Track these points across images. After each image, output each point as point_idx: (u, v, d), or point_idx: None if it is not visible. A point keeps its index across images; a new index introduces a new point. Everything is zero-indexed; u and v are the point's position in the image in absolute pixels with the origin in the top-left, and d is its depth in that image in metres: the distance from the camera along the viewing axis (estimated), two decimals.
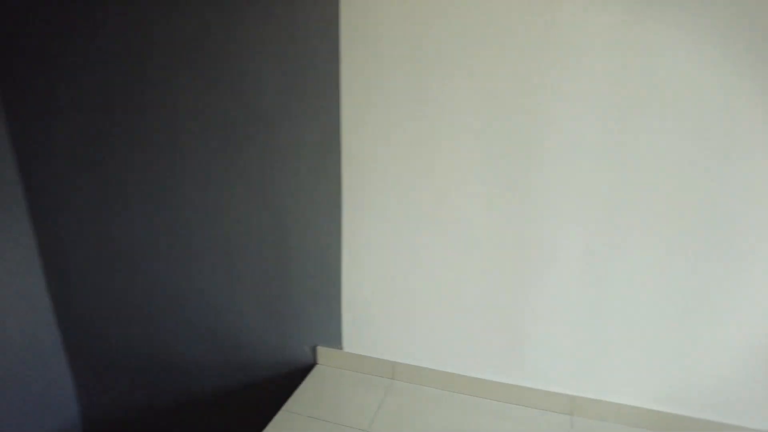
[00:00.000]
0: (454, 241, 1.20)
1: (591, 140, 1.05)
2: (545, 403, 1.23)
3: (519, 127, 1.08)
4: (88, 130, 1.42)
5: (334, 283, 1.33)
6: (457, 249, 1.21)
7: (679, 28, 0.94)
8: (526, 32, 1.02)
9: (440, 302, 1.26)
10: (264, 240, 1.35)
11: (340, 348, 1.38)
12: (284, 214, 1.31)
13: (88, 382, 1.73)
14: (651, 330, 1.13)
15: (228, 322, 1.48)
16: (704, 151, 0.99)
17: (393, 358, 1.34)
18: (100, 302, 1.60)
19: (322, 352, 1.40)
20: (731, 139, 0.97)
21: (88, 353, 1.68)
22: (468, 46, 1.07)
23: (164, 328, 1.56)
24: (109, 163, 1.43)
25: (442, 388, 1.31)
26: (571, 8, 0.98)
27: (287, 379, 1.45)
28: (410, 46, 1.10)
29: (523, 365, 1.25)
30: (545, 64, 1.03)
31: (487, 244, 1.18)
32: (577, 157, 1.06)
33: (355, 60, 1.14)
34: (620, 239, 1.09)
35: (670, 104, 0.99)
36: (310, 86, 1.19)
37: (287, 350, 1.44)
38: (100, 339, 1.64)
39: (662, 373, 1.14)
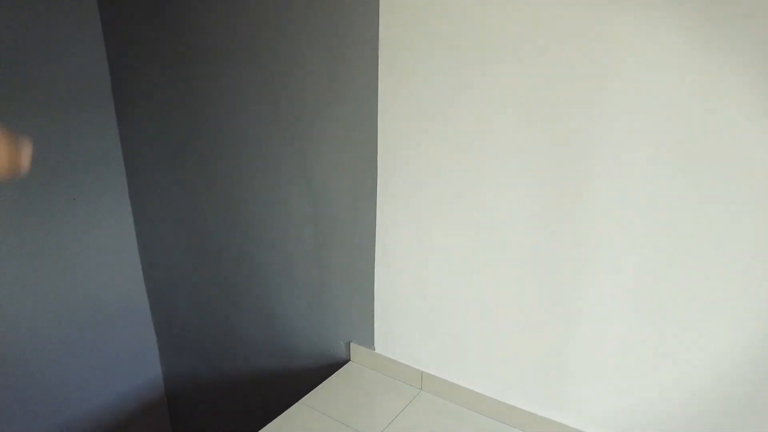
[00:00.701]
0: (491, 251, 1.08)
1: (651, 146, 0.86)
2: None
3: (568, 129, 0.92)
4: (175, 133, 1.56)
5: (367, 280, 1.28)
6: (495, 260, 1.08)
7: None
8: (580, 39, 0.87)
9: (474, 315, 1.15)
10: (307, 228, 1.35)
11: (372, 348, 1.33)
12: (324, 203, 1.30)
13: (169, 348, 1.91)
14: (723, 374, 0.90)
15: (280, 307, 1.51)
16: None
17: (422, 368, 1.26)
18: (178, 277, 1.75)
19: (356, 349, 1.36)
20: None
21: (169, 321, 1.86)
22: (515, 41, 0.94)
23: (228, 306, 1.65)
24: (189, 155, 1.55)
25: (470, 408, 1.20)
26: (630, 21, 0.82)
27: (323, 370, 1.44)
28: (451, 38, 1.00)
29: (561, 398, 1.08)
30: (597, 73, 0.87)
31: (529, 259, 1.04)
32: (637, 163, 0.88)
33: (392, 52, 1.08)
34: (685, 262, 0.88)
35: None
36: (348, 77, 1.16)
37: (325, 342, 1.43)
38: (178, 309, 1.80)
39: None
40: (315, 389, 1.26)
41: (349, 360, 1.38)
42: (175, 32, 1.44)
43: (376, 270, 1.26)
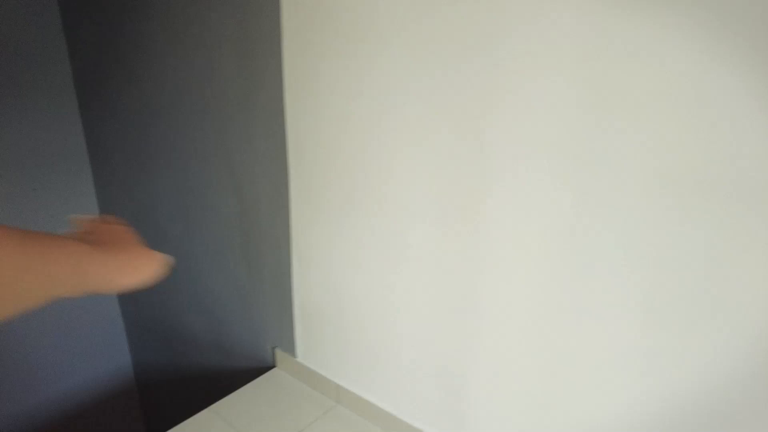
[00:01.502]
0: (395, 258, 1.00)
1: (555, 147, 0.75)
2: None
3: (470, 125, 0.82)
4: (132, 126, 1.55)
5: (287, 284, 1.23)
6: (400, 267, 0.99)
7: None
8: (484, 28, 0.77)
9: (383, 330, 1.07)
10: (235, 224, 1.31)
11: (294, 356, 1.28)
12: (248, 200, 1.24)
13: (135, 338, 1.94)
14: (635, 409, 0.79)
15: (218, 307, 1.49)
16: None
17: (338, 381, 1.19)
18: None
19: (281, 356, 1.32)
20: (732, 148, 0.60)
21: (133, 312, 1.88)
22: (407, 29, 0.85)
23: (179, 301, 1.64)
24: (146, 150, 1.54)
25: (380, 426, 1.13)
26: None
27: (253, 373, 1.40)
28: (347, 31, 0.92)
29: (462, 425, 0.99)
30: (496, 58, 0.77)
31: (432, 265, 0.94)
32: (540, 167, 0.77)
33: (297, 45, 1.01)
34: (590, 281, 0.77)
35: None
36: (257, 72, 1.10)
37: (254, 346, 1.39)
38: (143, 301, 1.82)
39: None
40: (229, 396, 1.23)
41: (275, 366, 1.34)
42: (122, 31, 1.42)
43: (293, 273, 1.20)
